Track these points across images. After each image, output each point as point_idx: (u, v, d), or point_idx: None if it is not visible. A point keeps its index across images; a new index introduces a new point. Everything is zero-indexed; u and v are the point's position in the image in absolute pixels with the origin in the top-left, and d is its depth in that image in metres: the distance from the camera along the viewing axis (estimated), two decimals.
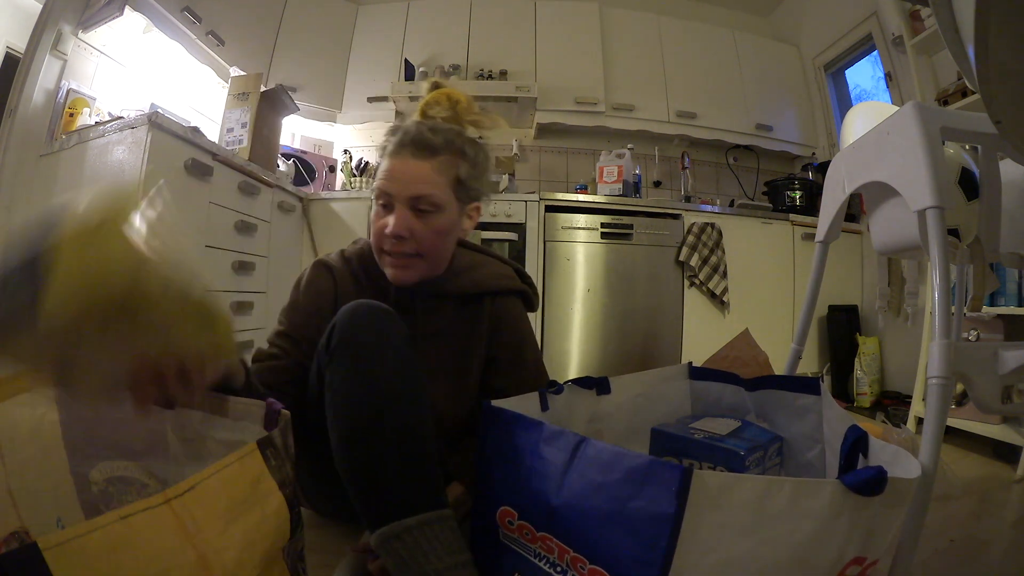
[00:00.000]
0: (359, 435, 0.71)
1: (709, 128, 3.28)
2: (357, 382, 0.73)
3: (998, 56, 0.55)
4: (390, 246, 0.91)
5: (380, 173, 0.92)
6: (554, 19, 3.23)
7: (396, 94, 3.04)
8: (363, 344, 0.75)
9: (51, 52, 1.83)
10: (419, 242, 0.91)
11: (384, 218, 0.91)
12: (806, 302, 1.41)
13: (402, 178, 0.90)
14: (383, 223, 0.91)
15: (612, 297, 2.51)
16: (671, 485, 0.54)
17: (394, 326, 0.78)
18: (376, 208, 0.93)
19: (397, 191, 0.90)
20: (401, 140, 0.91)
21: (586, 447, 0.64)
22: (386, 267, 0.94)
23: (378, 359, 0.74)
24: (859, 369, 2.54)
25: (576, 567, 0.63)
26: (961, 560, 1.03)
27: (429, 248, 0.92)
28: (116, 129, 1.59)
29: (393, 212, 0.90)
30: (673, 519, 0.53)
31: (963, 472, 1.54)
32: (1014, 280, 1.77)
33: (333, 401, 0.74)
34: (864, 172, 1.10)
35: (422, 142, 0.90)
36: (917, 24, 2.28)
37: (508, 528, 0.72)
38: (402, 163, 0.90)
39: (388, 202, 0.91)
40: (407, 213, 0.90)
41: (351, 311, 0.78)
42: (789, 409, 1.05)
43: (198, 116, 2.59)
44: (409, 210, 0.90)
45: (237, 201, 1.95)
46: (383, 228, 0.90)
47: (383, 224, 0.90)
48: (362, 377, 0.73)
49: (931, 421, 0.79)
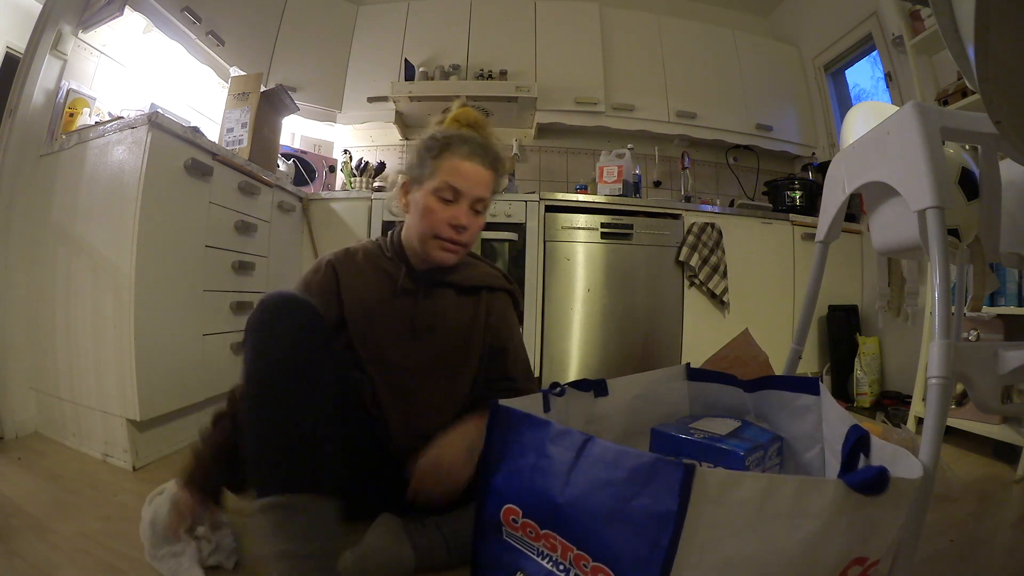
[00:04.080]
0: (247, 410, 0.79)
1: (709, 128, 3.28)
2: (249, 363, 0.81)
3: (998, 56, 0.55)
4: (450, 234, 1.05)
5: (449, 170, 1.04)
6: (554, 19, 3.23)
7: (396, 94, 3.04)
8: (258, 329, 0.83)
9: (51, 52, 1.83)
10: (470, 235, 1.07)
11: (448, 210, 1.04)
12: (806, 302, 1.42)
13: (475, 181, 1.05)
14: (450, 214, 1.04)
15: (612, 297, 2.51)
16: (673, 483, 0.54)
17: (299, 315, 0.85)
18: (434, 199, 1.04)
19: (468, 190, 1.05)
20: (473, 149, 1.06)
21: (592, 446, 0.65)
22: (435, 250, 1.06)
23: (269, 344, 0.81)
24: (859, 369, 2.54)
25: (579, 565, 0.63)
26: (961, 560, 1.03)
27: (470, 240, 1.08)
28: (116, 129, 1.59)
29: (456, 206, 1.05)
30: (675, 517, 0.53)
31: (963, 472, 1.54)
32: (1014, 280, 1.77)
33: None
34: (864, 172, 1.10)
35: (493, 155, 1.09)
36: (917, 24, 2.28)
37: (512, 526, 0.72)
38: (475, 169, 1.05)
39: (454, 197, 1.04)
40: (468, 210, 1.06)
41: (261, 300, 0.86)
42: (788, 409, 1.05)
43: (198, 116, 2.59)
44: (469, 207, 1.06)
45: (237, 201, 1.95)
46: (449, 218, 1.04)
47: (450, 215, 1.04)
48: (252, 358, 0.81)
49: (931, 421, 0.79)
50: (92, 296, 1.56)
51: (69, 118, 1.86)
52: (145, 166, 1.49)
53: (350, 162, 3.09)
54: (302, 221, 2.54)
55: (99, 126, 1.67)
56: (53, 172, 1.75)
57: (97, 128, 1.66)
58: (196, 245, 1.72)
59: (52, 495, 1.25)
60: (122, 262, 1.48)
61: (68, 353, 1.62)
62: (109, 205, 1.56)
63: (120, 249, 1.49)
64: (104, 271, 1.54)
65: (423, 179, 1.06)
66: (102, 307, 1.53)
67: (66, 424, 1.63)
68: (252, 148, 2.23)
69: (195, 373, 1.70)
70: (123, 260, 1.48)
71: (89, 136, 1.66)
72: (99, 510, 1.18)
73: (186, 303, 1.68)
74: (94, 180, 1.62)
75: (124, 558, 0.97)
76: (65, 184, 1.71)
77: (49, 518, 1.12)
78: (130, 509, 1.13)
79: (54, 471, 1.41)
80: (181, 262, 1.65)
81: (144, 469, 1.47)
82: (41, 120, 1.82)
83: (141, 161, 1.50)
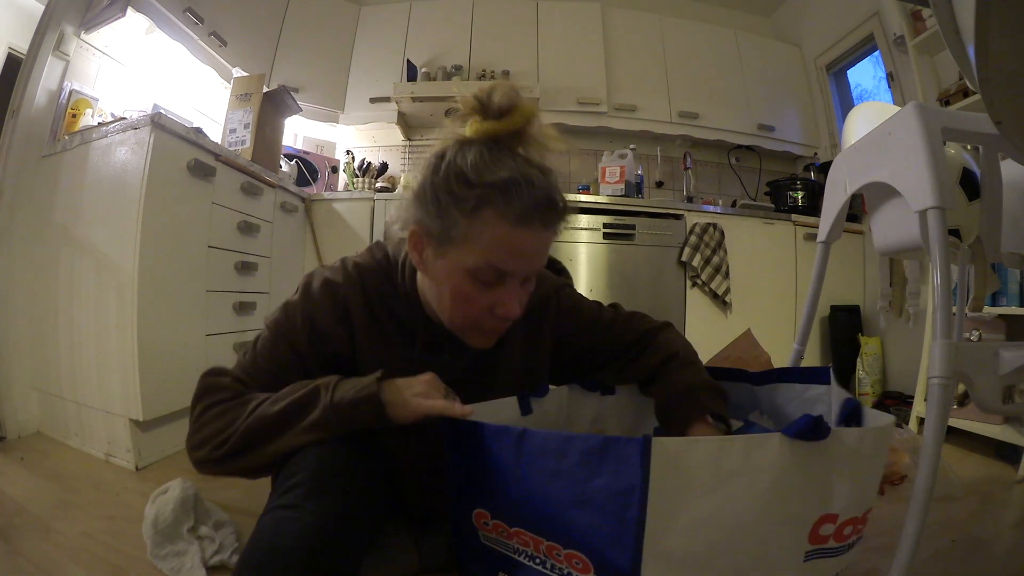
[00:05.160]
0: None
1: (711, 128, 3.28)
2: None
3: (998, 56, 0.56)
4: (494, 325, 0.77)
5: (492, 244, 0.69)
6: (556, 19, 3.24)
7: (398, 95, 3.05)
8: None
9: (53, 53, 1.84)
10: (520, 313, 0.76)
11: (490, 295, 0.73)
12: (808, 302, 1.41)
13: (534, 256, 0.74)
14: (493, 299, 0.73)
15: (614, 297, 2.50)
16: (633, 457, 0.56)
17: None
18: (469, 283, 0.72)
19: (522, 270, 0.73)
20: (528, 205, 0.68)
21: (527, 438, 0.65)
22: (472, 337, 0.78)
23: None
24: (861, 369, 2.54)
25: (552, 555, 0.65)
26: (962, 560, 1.03)
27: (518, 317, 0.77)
28: (119, 130, 1.60)
29: (503, 288, 0.73)
30: (640, 489, 0.56)
31: (964, 472, 1.54)
32: (1015, 280, 1.76)
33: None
34: (866, 172, 1.10)
35: (554, 208, 0.71)
36: (919, 24, 2.28)
37: (485, 529, 0.72)
38: (535, 238, 0.71)
39: (499, 279, 0.72)
40: (520, 289, 0.76)
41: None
42: (798, 401, 1.05)
43: (201, 117, 2.60)
44: (520, 284, 0.75)
45: (240, 202, 1.95)
46: (492, 304, 0.73)
47: (493, 300, 0.73)
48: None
49: (932, 421, 0.79)
50: (95, 296, 1.56)
51: (72, 119, 1.87)
52: (148, 167, 1.50)
53: (352, 162, 3.09)
54: (305, 222, 2.54)
55: (102, 127, 1.68)
56: (56, 173, 1.76)
57: (100, 129, 1.67)
58: (199, 245, 1.73)
59: (55, 495, 1.25)
60: (125, 262, 1.49)
61: (71, 353, 1.62)
62: (112, 206, 1.56)
63: (123, 249, 1.50)
64: (107, 271, 1.54)
65: (449, 242, 0.71)
66: (105, 307, 1.53)
67: (69, 424, 1.63)
68: (255, 149, 2.24)
69: (198, 373, 1.69)
70: (126, 260, 1.49)
71: (92, 137, 1.67)
72: (102, 510, 1.18)
73: (189, 303, 1.68)
74: (97, 181, 1.63)
75: (127, 557, 0.97)
76: (68, 185, 1.71)
77: (52, 518, 1.12)
78: (133, 509, 1.14)
79: (57, 471, 1.42)
80: (184, 262, 1.66)
81: (147, 469, 1.47)
82: (44, 121, 1.82)
83: (144, 162, 1.50)
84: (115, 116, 1.94)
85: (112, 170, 1.59)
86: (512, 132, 0.71)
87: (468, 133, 0.72)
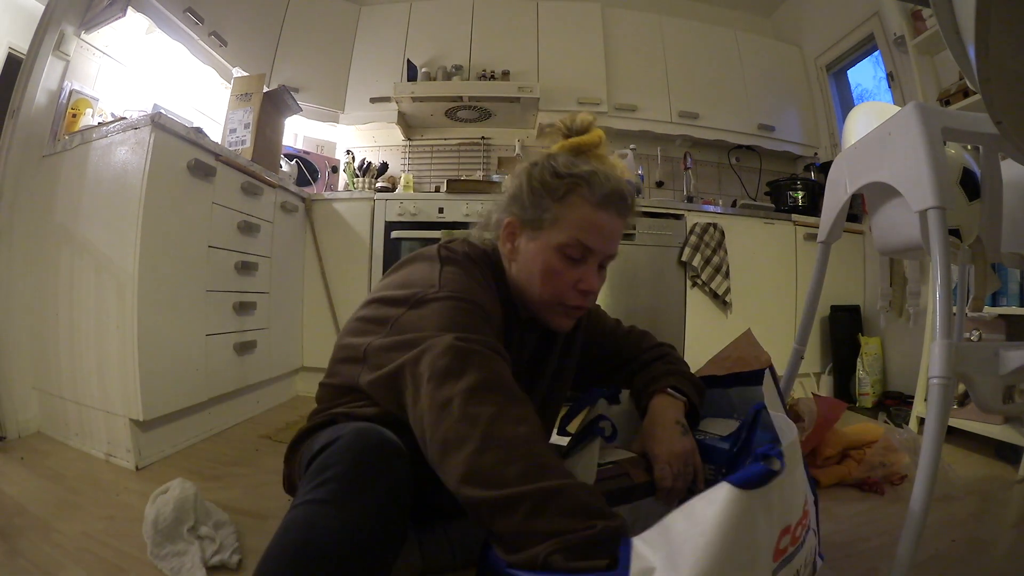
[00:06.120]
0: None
1: (711, 128, 3.28)
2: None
3: (998, 56, 0.56)
4: (578, 300, 0.89)
5: (579, 223, 0.85)
6: (556, 19, 3.24)
7: (399, 95, 3.05)
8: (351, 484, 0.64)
9: (54, 53, 1.83)
10: (595, 298, 0.92)
11: (575, 271, 0.87)
12: (808, 302, 1.42)
13: (611, 237, 0.88)
14: (577, 275, 0.87)
15: (614, 297, 2.51)
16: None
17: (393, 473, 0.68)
18: (558, 258, 0.86)
19: (602, 249, 0.88)
20: (608, 194, 0.86)
21: None
22: (557, 317, 0.90)
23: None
24: (861, 369, 2.54)
25: None
26: (962, 560, 1.03)
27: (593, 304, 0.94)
28: (119, 130, 1.60)
29: (585, 265, 0.87)
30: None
31: (965, 472, 1.54)
32: (1016, 280, 1.76)
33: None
34: (866, 172, 1.10)
35: (628, 201, 0.89)
36: (919, 24, 2.28)
37: None
38: (612, 221, 0.87)
39: (583, 256, 0.87)
40: (597, 268, 0.90)
41: (349, 445, 0.68)
42: (751, 403, 1.05)
43: (201, 117, 2.60)
44: (597, 265, 0.90)
45: (240, 201, 1.95)
46: (576, 280, 0.87)
47: (577, 276, 0.87)
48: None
49: (932, 421, 0.79)
50: (95, 296, 1.56)
51: (72, 119, 1.87)
52: (148, 167, 1.50)
53: (353, 162, 3.09)
54: (305, 221, 2.54)
55: (102, 127, 1.67)
56: (56, 173, 1.76)
57: (100, 129, 1.67)
58: (199, 245, 1.73)
59: (55, 495, 1.25)
60: (125, 262, 1.49)
61: (71, 353, 1.62)
62: (112, 205, 1.56)
63: (123, 249, 1.50)
64: (107, 271, 1.54)
65: (541, 226, 0.87)
66: (105, 307, 1.53)
67: (69, 424, 1.63)
68: (255, 149, 2.24)
69: (198, 373, 1.71)
70: (126, 260, 1.49)
71: (92, 137, 1.67)
72: (102, 510, 1.18)
73: (189, 303, 1.68)
74: (97, 181, 1.63)
75: (127, 557, 0.97)
76: (68, 184, 1.71)
77: (52, 518, 1.12)
78: (133, 509, 1.14)
79: (57, 471, 1.41)
80: (184, 262, 1.66)
81: (147, 469, 1.47)
82: (44, 121, 1.82)
83: (144, 162, 1.50)
84: (115, 116, 1.94)
85: (112, 170, 1.59)
86: (589, 144, 0.91)
87: (554, 149, 0.92)
